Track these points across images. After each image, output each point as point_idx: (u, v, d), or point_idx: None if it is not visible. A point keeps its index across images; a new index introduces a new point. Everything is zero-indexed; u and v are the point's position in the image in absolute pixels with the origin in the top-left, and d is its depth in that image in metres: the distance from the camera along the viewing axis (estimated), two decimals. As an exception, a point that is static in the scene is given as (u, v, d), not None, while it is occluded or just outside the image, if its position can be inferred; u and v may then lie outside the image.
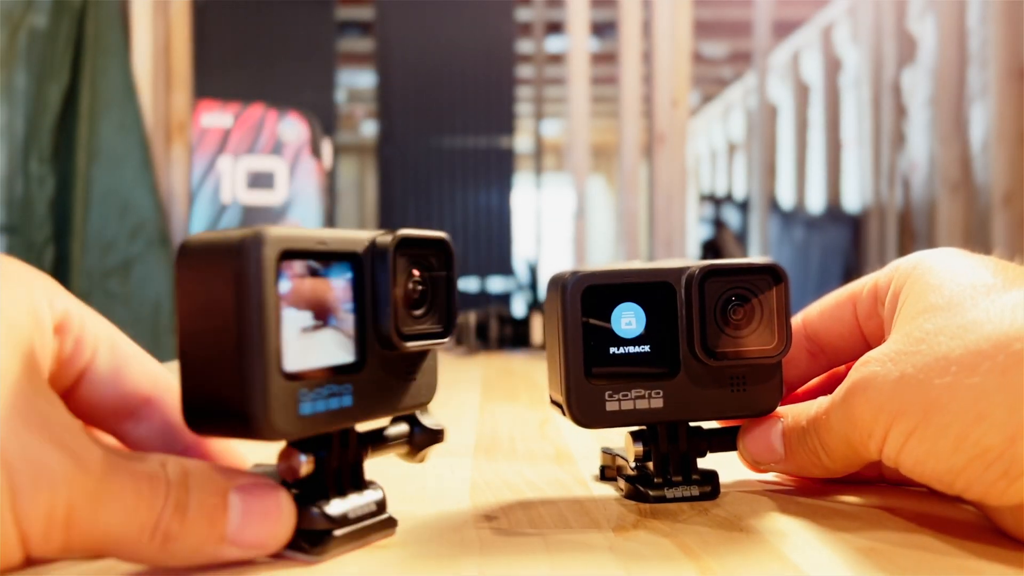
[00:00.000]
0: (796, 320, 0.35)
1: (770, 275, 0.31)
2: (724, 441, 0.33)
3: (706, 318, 0.31)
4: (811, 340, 0.35)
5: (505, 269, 2.38)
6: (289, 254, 0.23)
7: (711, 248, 3.01)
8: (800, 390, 0.36)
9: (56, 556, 0.21)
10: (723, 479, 0.34)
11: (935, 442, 0.25)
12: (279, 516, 0.24)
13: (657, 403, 0.31)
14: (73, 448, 0.21)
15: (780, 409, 0.33)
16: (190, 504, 0.22)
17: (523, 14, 2.82)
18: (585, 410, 0.31)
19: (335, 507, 0.25)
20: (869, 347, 0.32)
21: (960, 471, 0.25)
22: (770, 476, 0.35)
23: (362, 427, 0.27)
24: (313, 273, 0.25)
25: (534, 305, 1.59)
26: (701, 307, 0.31)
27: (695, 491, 0.32)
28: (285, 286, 0.23)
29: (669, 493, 0.31)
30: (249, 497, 0.23)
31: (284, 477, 0.25)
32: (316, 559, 0.24)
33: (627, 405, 0.31)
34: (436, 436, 0.30)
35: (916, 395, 0.26)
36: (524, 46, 3.11)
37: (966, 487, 0.25)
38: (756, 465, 0.33)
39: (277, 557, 0.24)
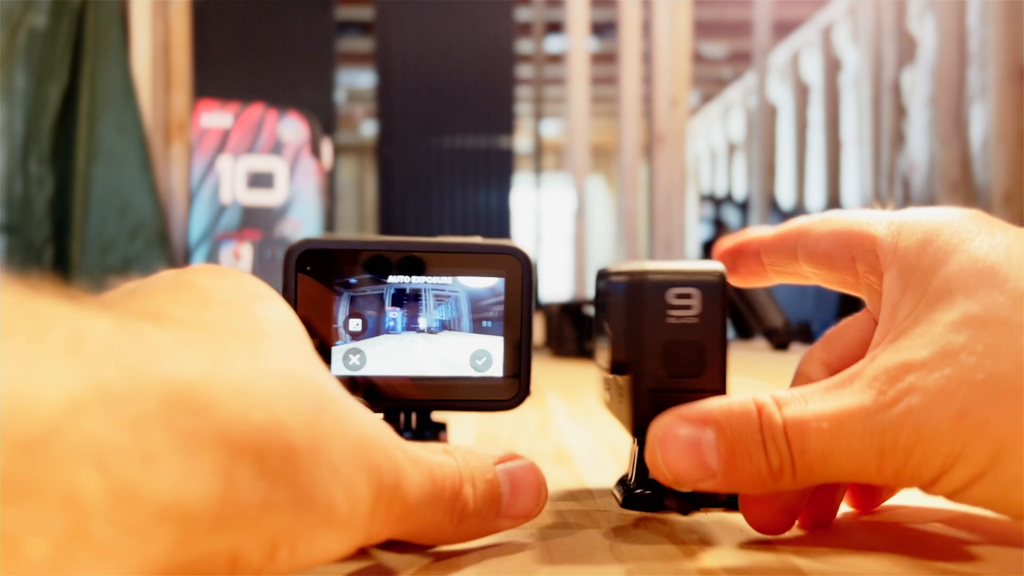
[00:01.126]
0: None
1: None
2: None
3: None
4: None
5: (505, 269, 2.37)
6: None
7: (711, 248, 3.02)
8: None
9: (375, 540, 0.21)
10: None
11: (1010, 487, 0.22)
12: (540, 487, 0.26)
13: None
14: (395, 440, 0.22)
15: (708, 406, 0.25)
16: (476, 483, 0.24)
17: (523, 14, 2.82)
18: None
19: None
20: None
21: None
22: None
23: None
24: None
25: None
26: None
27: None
28: None
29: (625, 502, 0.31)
30: (512, 473, 0.25)
31: None
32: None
33: None
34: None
35: (983, 436, 0.22)
36: (524, 46, 3.11)
37: None
38: (678, 484, 0.25)
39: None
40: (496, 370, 0.29)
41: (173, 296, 0.20)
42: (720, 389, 0.27)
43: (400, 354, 0.30)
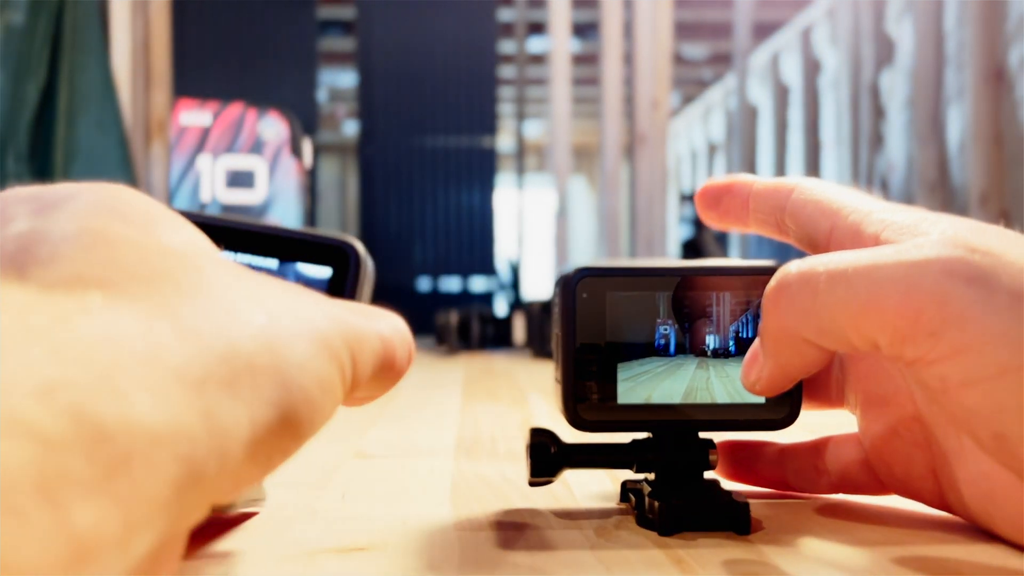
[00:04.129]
0: None
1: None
2: None
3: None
4: None
5: (487, 269, 2.38)
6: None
7: (691, 247, 3.03)
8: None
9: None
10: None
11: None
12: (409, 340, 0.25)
13: None
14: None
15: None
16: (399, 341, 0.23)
17: (505, 14, 2.82)
18: None
19: None
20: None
21: None
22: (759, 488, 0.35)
23: None
24: None
25: (516, 304, 1.59)
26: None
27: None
28: None
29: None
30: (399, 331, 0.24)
31: None
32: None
33: None
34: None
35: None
36: (506, 46, 3.11)
37: None
38: (752, 385, 0.28)
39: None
40: None
41: (83, 258, 0.18)
42: (563, 380, 0.29)
43: None
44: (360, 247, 0.27)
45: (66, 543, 0.12)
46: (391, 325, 0.23)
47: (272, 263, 0.28)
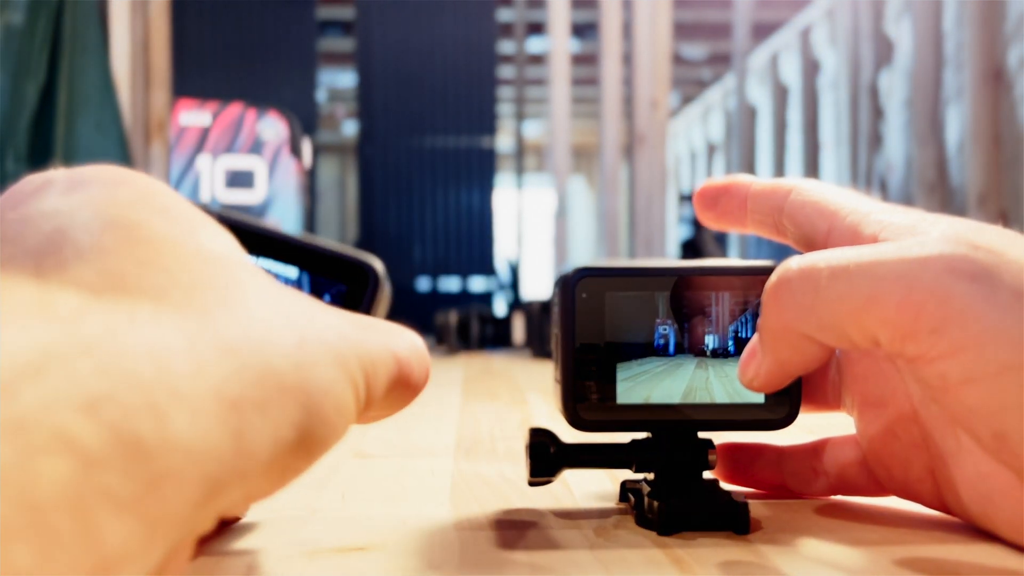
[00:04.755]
0: None
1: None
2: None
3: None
4: None
5: (486, 269, 2.38)
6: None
7: (691, 247, 3.03)
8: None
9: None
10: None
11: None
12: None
13: None
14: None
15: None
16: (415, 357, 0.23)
17: (504, 15, 2.82)
18: None
19: None
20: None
21: None
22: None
23: None
24: None
25: (515, 304, 1.59)
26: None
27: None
28: None
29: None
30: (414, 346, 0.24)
31: None
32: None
33: None
34: None
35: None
36: (505, 47, 3.11)
37: None
38: (749, 381, 0.28)
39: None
40: None
41: (127, 255, 0.18)
42: (563, 380, 0.29)
43: None
44: (381, 268, 0.27)
45: (93, 562, 0.12)
46: (408, 343, 0.23)
47: (292, 271, 0.28)
